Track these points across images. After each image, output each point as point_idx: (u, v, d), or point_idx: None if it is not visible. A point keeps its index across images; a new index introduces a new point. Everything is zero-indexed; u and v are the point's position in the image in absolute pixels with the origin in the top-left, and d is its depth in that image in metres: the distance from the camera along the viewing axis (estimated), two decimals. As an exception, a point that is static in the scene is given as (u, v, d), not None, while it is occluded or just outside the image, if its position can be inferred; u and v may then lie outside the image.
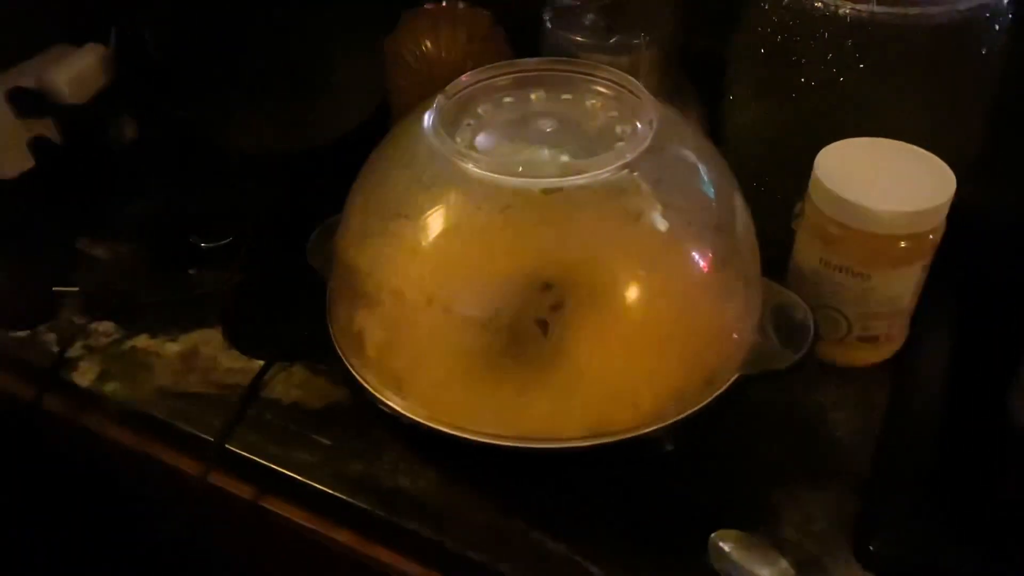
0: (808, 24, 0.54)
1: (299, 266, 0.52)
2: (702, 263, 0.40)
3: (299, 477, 0.50)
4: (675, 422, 0.40)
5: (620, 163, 0.39)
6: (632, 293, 0.38)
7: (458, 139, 0.41)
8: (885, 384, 0.54)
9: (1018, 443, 0.52)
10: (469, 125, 0.43)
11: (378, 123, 0.62)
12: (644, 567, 0.44)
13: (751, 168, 0.62)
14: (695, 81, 0.70)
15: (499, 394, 0.39)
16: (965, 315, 0.57)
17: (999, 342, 0.54)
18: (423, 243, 0.39)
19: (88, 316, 0.60)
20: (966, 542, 0.46)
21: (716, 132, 0.65)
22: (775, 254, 0.55)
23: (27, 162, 0.66)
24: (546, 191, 0.38)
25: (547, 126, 0.42)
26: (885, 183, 0.49)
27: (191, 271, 0.63)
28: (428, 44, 0.56)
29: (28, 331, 0.60)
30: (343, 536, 0.51)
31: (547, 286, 0.38)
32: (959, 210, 0.52)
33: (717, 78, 0.64)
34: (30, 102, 0.64)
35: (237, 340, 0.58)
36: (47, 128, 0.67)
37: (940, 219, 0.49)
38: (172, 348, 0.58)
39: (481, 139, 0.42)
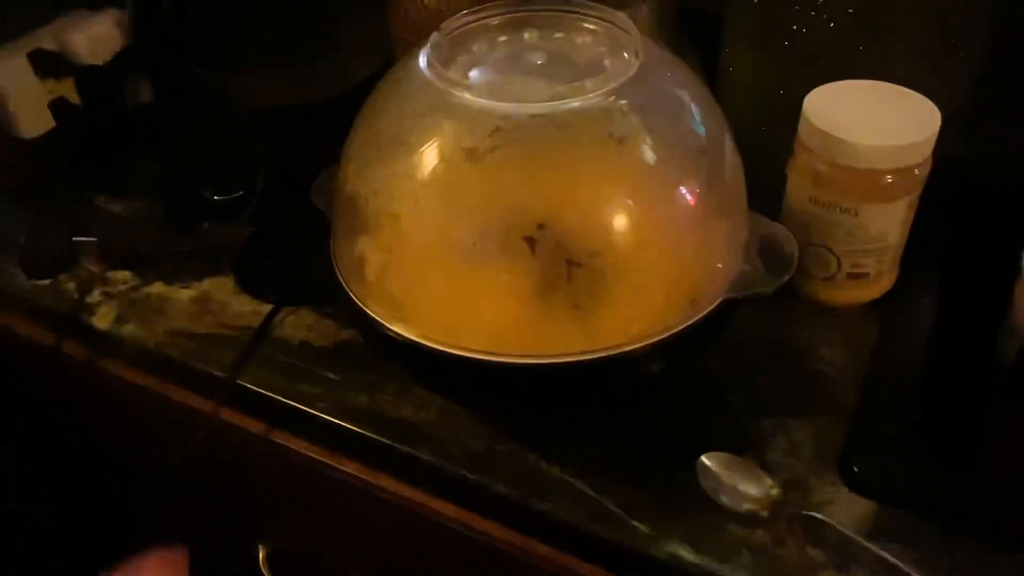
0: (798, -31, 0.55)
1: (307, 215, 0.54)
2: (684, 187, 0.42)
3: (307, 409, 0.53)
4: (660, 341, 0.41)
5: (606, 89, 0.41)
6: (615, 213, 0.40)
7: (452, 72, 0.43)
8: (875, 323, 0.55)
9: (1006, 379, 0.54)
10: (463, 60, 0.45)
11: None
12: (634, 486, 0.46)
13: (748, 120, 0.63)
14: (694, 40, 0.71)
15: (489, 312, 0.41)
16: (955, 257, 0.58)
17: (988, 284, 0.55)
18: (417, 167, 0.41)
19: (106, 265, 0.63)
20: (949, 467, 0.47)
21: (713, 87, 0.67)
22: (773, 203, 0.56)
23: (49, 123, 0.69)
24: (534, 116, 0.40)
25: (538, 59, 0.44)
26: (871, 121, 0.50)
27: (204, 224, 0.65)
28: (429, -3, 0.58)
29: (50, 280, 0.63)
30: (349, 466, 0.53)
31: (534, 206, 0.39)
32: (949, 153, 0.53)
33: (715, 37, 0.65)
34: (50, 63, 0.67)
35: (248, 285, 0.60)
36: (68, 91, 0.70)
37: (925, 154, 0.50)
38: (186, 294, 0.61)
39: (474, 72, 0.44)
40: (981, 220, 0.60)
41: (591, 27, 0.46)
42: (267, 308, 0.58)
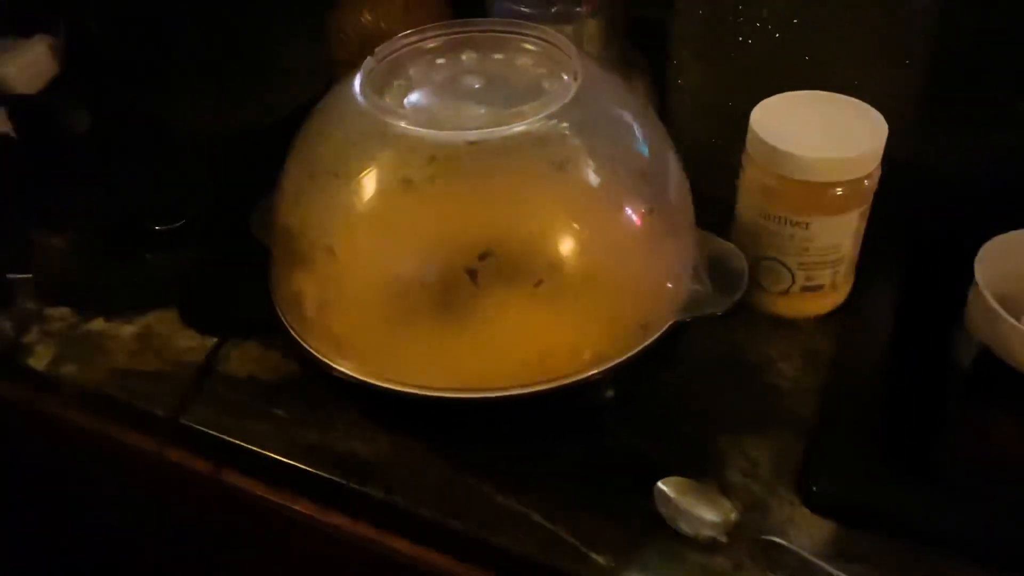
0: (742, -19, 0.55)
1: (250, 244, 0.53)
2: (629, 210, 0.41)
3: (255, 448, 0.51)
4: (611, 367, 0.40)
5: (545, 113, 0.39)
6: (558, 240, 0.39)
7: (387, 98, 0.42)
8: (832, 335, 0.54)
9: (962, 388, 0.53)
10: (399, 86, 0.43)
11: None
12: (591, 515, 0.45)
13: (698, 132, 0.62)
14: (643, 51, 0.71)
15: (435, 346, 0.40)
16: (909, 266, 0.58)
17: (943, 292, 0.55)
18: (352, 199, 0.40)
19: (42, 302, 0.60)
20: (907, 483, 0.47)
21: (664, 99, 0.66)
22: (726, 217, 0.56)
23: (-19, 156, 0.66)
24: (471, 143, 0.39)
25: (476, 83, 0.43)
26: (819, 133, 0.50)
27: (147, 255, 0.63)
28: (367, 16, 0.56)
29: (-17, 319, 0.61)
30: (300, 504, 0.51)
31: (475, 236, 0.38)
32: (900, 162, 0.53)
33: (664, 47, 0.65)
34: (-21, 94, 0.64)
35: (191, 318, 0.58)
36: (1, 122, 0.67)
37: (874, 165, 0.50)
38: (127, 330, 0.59)
39: (410, 98, 0.43)
40: (935, 228, 0.60)
41: (529, 47, 0.45)
42: (212, 341, 0.56)
